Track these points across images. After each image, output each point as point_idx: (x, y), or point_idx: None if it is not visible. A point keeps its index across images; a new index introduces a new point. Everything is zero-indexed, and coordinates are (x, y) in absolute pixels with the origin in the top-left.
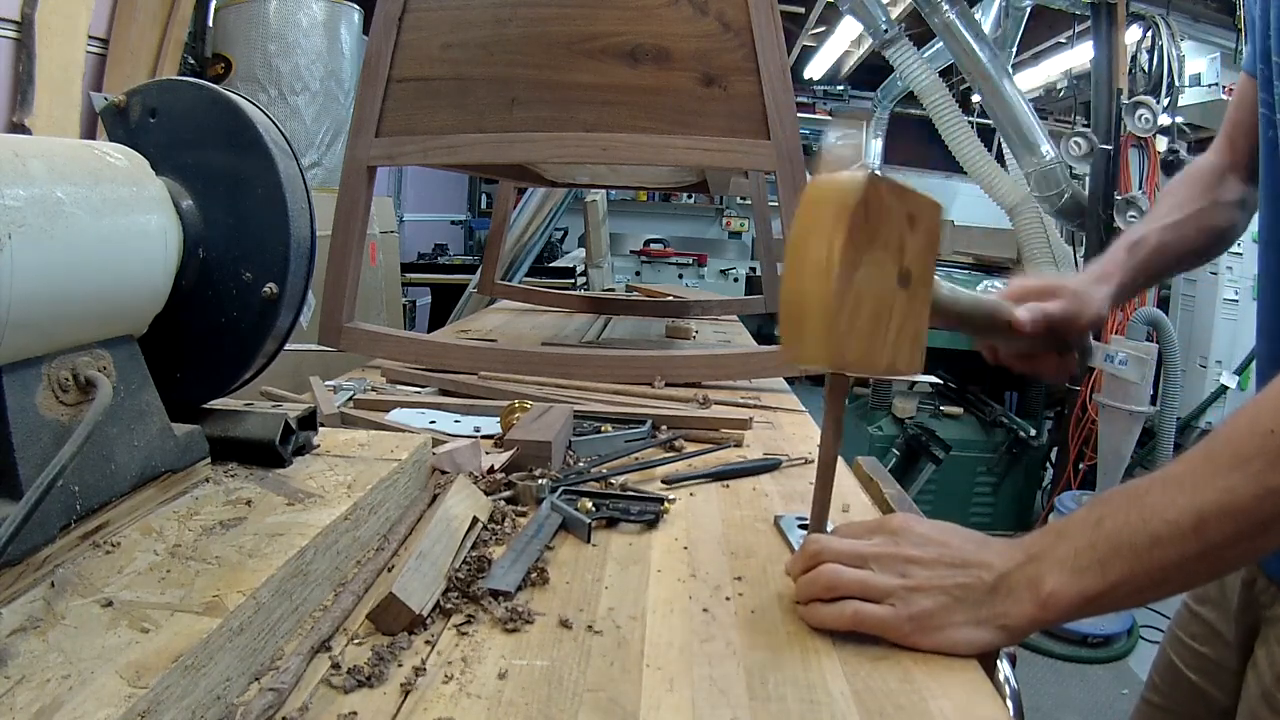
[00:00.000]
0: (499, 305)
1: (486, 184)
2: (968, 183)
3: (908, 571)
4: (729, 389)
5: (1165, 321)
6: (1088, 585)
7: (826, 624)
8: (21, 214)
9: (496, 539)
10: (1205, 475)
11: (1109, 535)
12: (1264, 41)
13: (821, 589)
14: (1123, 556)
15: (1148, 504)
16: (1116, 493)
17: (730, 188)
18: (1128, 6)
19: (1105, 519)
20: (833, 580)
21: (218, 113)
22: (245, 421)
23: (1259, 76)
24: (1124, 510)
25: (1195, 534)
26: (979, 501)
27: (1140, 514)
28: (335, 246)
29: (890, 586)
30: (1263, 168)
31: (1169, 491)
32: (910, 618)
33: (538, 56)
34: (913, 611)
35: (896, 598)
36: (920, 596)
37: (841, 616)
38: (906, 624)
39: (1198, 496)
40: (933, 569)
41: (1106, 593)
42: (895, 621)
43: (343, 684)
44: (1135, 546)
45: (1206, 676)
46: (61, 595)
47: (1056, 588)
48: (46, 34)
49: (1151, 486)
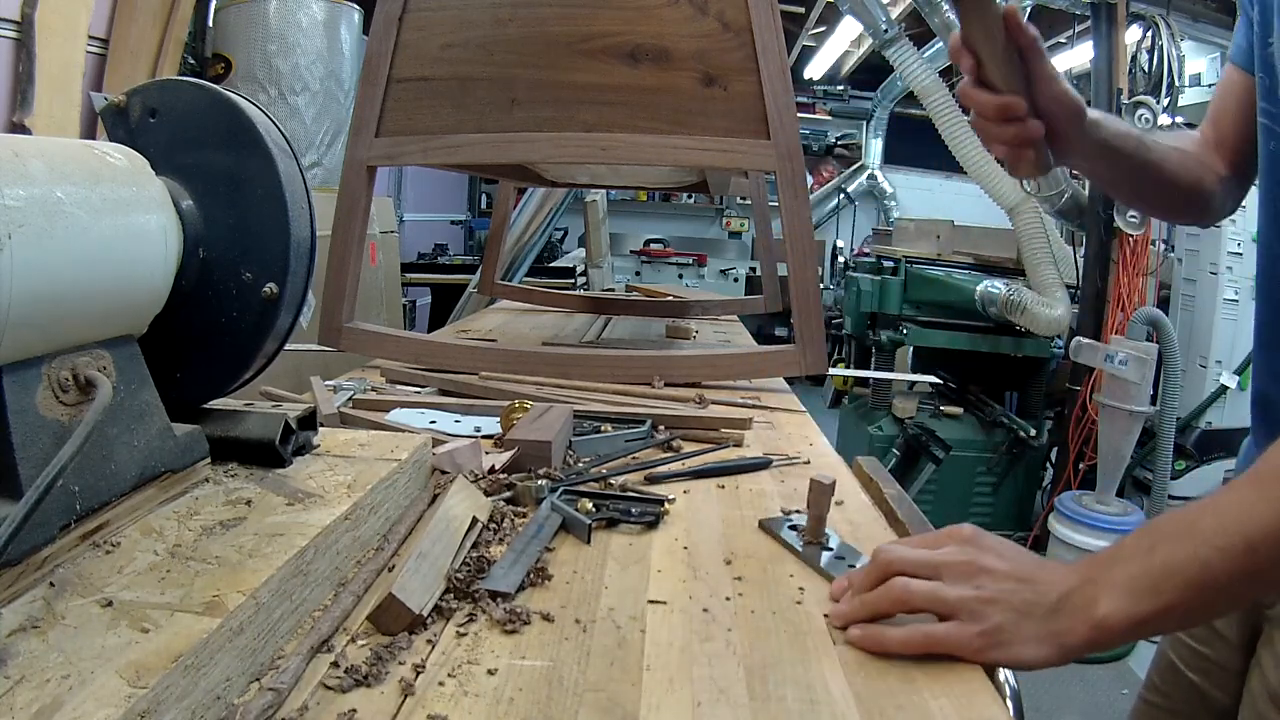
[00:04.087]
0: (499, 305)
1: (486, 184)
2: (968, 183)
3: (981, 583)
4: (729, 389)
5: (1165, 321)
6: (1141, 610)
7: (893, 649)
8: (21, 214)
9: (497, 539)
10: (1253, 503)
11: (1162, 562)
12: (1264, 49)
13: (891, 604)
14: (1174, 583)
15: (1199, 531)
16: (1169, 520)
17: (730, 188)
18: (1128, 6)
19: (1158, 546)
20: (904, 595)
21: (218, 113)
22: (245, 421)
23: (1260, 86)
24: (1176, 538)
25: (1246, 559)
26: (979, 501)
27: (1192, 542)
28: (335, 246)
29: (962, 599)
30: (1263, 182)
31: (1220, 519)
32: (980, 633)
33: (538, 56)
34: (984, 627)
35: (965, 611)
36: (992, 610)
37: (912, 642)
38: (976, 640)
39: (1248, 524)
40: (1002, 582)
41: (1158, 616)
42: (966, 639)
43: (342, 684)
44: (1187, 573)
45: (1207, 676)
46: (61, 595)
47: (1111, 611)
48: (46, 34)
49: (1203, 514)
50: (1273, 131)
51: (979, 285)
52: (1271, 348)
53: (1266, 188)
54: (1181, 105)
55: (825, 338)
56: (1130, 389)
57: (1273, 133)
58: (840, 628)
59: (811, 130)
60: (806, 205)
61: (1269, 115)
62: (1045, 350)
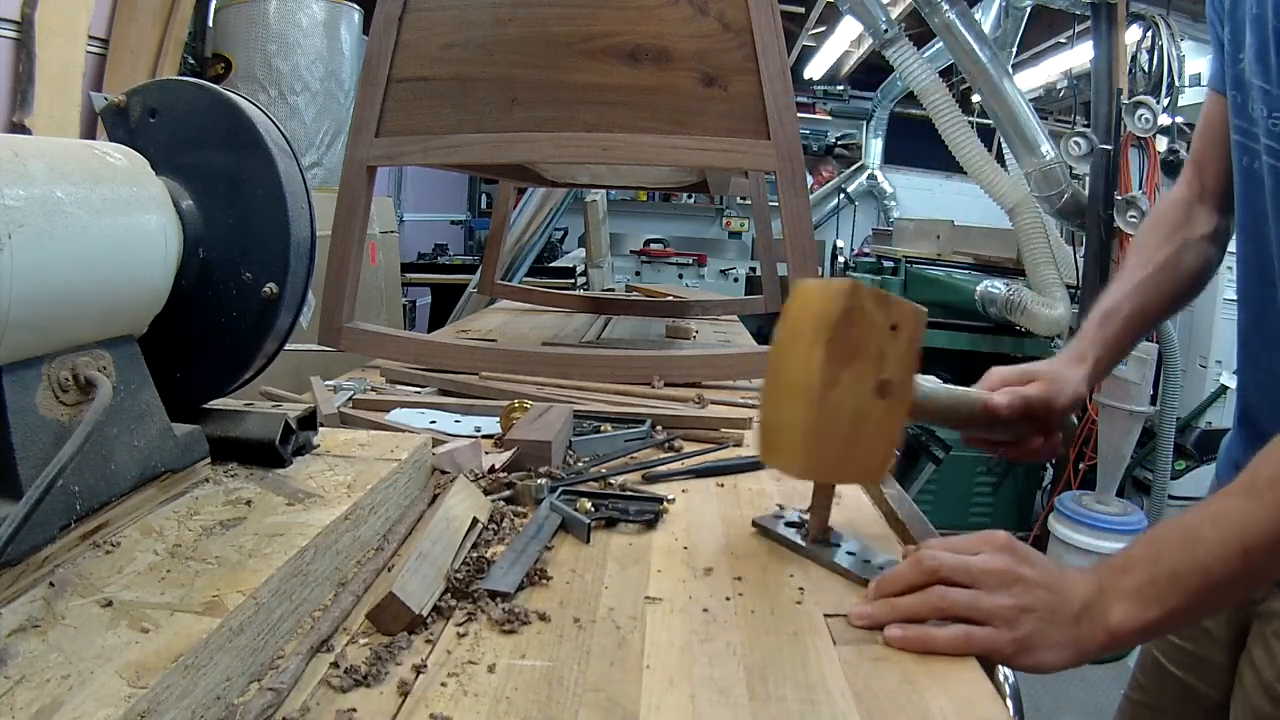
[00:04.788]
0: (499, 305)
1: (486, 184)
2: (968, 183)
3: (1016, 591)
4: (729, 389)
5: (1165, 322)
6: (1149, 616)
7: (941, 650)
8: (21, 214)
9: (496, 539)
10: (1248, 511)
11: (1167, 570)
12: (1234, 67)
13: (930, 611)
14: (1178, 589)
15: (1200, 540)
16: (1171, 528)
17: (730, 188)
18: (1128, 6)
19: (1163, 555)
20: (943, 603)
21: (218, 113)
22: (245, 421)
23: (1231, 103)
24: (1179, 547)
25: (1242, 564)
26: (979, 501)
27: (1193, 550)
28: (335, 246)
29: (999, 607)
30: (1238, 196)
31: (1218, 528)
32: (1014, 640)
33: (538, 56)
34: (1018, 634)
35: (1001, 619)
36: (1026, 619)
37: (956, 641)
38: (1009, 646)
39: (1244, 532)
40: (1035, 591)
41: (1165, 620)
42: (1001, 644)
43: (342, 684)
44: (1189, 580)
45: (1193, 673)
46: (61, 595)
47: (1123, 619)
48: (46, 34)
49: (1202, 523)
50: (1245, 147)
51: (979, 285)
52: (1253, 360)
53: (1241, 204)
54: (1181, 105)
55: None
56: (1130, 389)
57: (1245, 148)
58: (865, 628)
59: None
60: (806, 205)
61: (1242, 131)
62: (1045, 350)
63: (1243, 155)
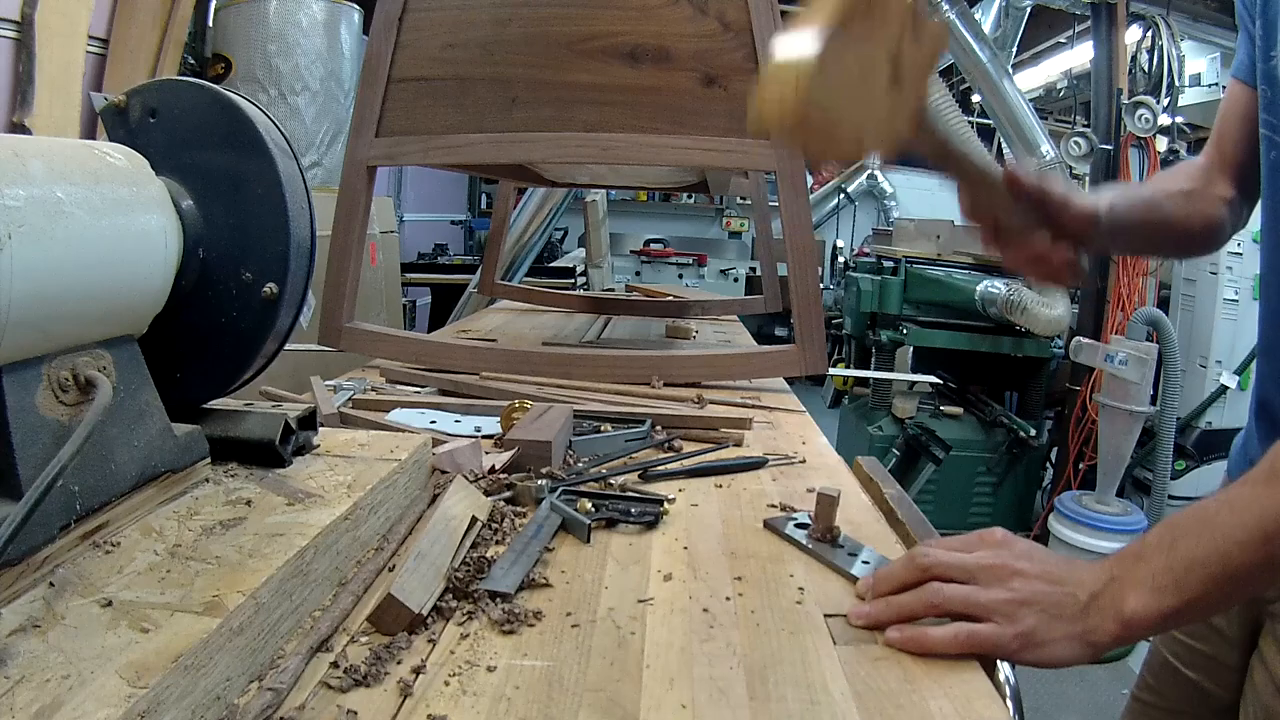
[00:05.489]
0: (499, 305)
1: (486, 184)
2: None
3: (1014, 585)
4: (729, 389)
5: (1165, 321)
6: (1166, 605)
7: (936, 650)
8: (21, 214)
9: (496, 539)
10: (1268, 497)
11: (1183, 558)
12: (1266, 63)
13: (925, 608)
14: (1196, 577)
15: (1217, 526)
16: (1187, 515)
17: (730, 188)
18: (1128, 6)
19: (1179, 542)
20: (938, 600)
21: (217, 113)
22: (245, 421)
23: (1261, 98)
24: (1195, 534)
25: (1263, 550)
26: (979, 501)
27: (1211, 537)
28: (335, 246)
29: (996, 601)
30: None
31: (1236, 513)
32: (1016, 635)
33: (538, 56)
34: (1019, 629)
35: (1000, 614)
36: (1025, 613)
37: (955, 640)
38: (1013, 642)
39: (1264, 517)
40: (1034, 584)
41: (1183, 609)
42: (1003, 640)
43: (342, 684)
44: (1208, 567)
45: (1204, 673)
46: (61, 595)
47: (1138, 608)
48: (46, 34)
49: (1220, 509)
50: (1273, 142)
51: (979, 285)
52: (1273, 353)
53: (1268, 196)
54: (1181, 105)
55: (825, 338)
56: (1130, 389)
57: (1273, 143)
58: (863, 627)
59: None
60: (806, 205)
61: (1270, 126)
62: (1045, 350)
63: (1270, 150)
